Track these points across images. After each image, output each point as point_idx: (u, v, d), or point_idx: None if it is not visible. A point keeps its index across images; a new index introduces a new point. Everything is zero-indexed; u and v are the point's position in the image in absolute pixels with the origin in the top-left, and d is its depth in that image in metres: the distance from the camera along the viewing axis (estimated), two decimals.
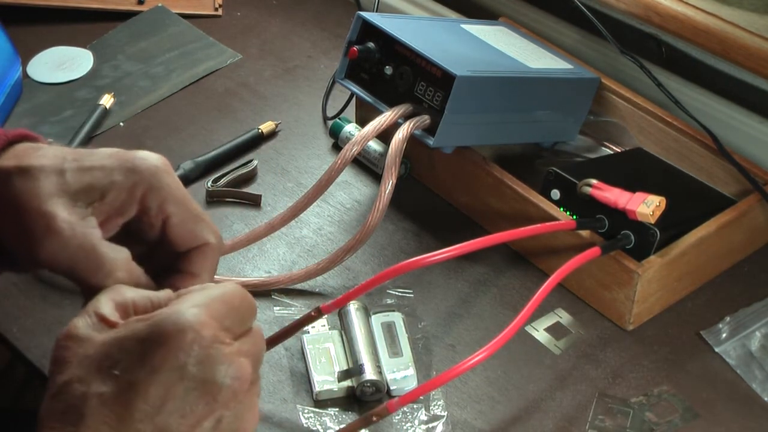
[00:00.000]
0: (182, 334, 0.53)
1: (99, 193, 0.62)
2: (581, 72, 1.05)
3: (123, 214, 0.63)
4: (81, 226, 0.61)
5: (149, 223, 0.64)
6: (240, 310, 0.57)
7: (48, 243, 0.60)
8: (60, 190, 0.61)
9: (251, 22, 1.24)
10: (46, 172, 0.62)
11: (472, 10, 1.20)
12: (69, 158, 0.63)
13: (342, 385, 0.82)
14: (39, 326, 0.87)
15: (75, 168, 0.63)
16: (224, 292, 0.57)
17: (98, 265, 0.61)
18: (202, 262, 0.65)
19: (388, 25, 0.94)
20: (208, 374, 0.54)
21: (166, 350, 0.53)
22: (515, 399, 0.84)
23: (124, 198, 0.63)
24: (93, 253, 0.61)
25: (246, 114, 1.11)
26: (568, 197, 0.91)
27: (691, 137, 1.00)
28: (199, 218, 0.65)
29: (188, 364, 0.53)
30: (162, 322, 0.54)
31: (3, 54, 1.08)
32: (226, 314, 0.56)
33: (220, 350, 0.54)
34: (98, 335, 0.54)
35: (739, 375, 0.86)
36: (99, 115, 1.08)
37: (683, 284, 0.92)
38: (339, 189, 1.01)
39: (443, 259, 0.80)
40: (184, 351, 0.53)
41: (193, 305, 0.55)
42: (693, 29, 1.01)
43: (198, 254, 0.65)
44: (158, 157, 0.65)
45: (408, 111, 0.92)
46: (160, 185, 0.63)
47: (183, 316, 0.54)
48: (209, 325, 0.54)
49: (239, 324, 0.57)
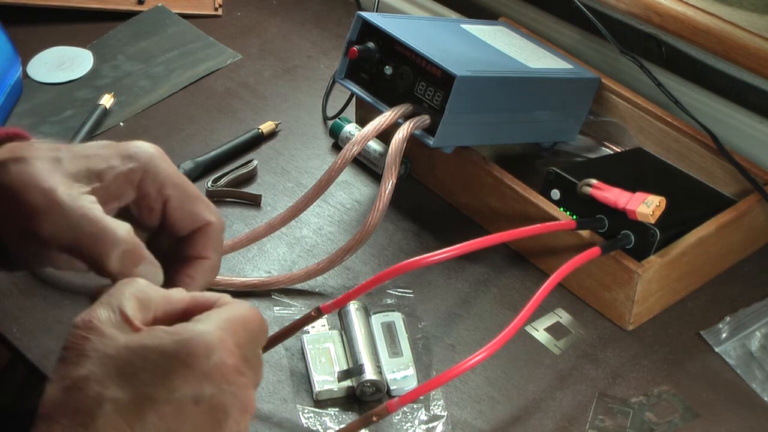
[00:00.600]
0: (207, 360, 0.53)
1: (96, 177, 0.62)
2: (581, 72, 1.05)
3: (120, 198, 0.63)
4: (82, 199, 0.61)
5: (148, 207, 0.64)
6: (258, 337, 0.57)
7: (50, 216, 0.60)
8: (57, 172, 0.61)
9: (251, 22, 1.24)
10: (41, 159, 0.62)
11: (472, 10, 1.20)
12: (63, 149, 0.63)
13: (342, 385, 0.82)
14: (39, 326, 0.87)
15: (70, 156, 0.63)
16: (246, 316, 0.57)
17: (103, 234, 0.60)
18: (206, 242, 0.65)
19: (388, 25, 0.94)
20: (222, 401, 0.53)
21: (190, 372, 0.53)
22: (515, 399, 0.84)
23: (121, 182, 0.63)
24: (96, 223, 0.60)
25: (246, 114, 1.11)
26: (568, 197, 0.91)
27: (691, 137, 1.00)
28: (197, 199, 0.65)
29: (206, 389, 0.53)
30: (190, 341, 0.53)
31: (3, 54, 1.08)
32: (246, 342, 0.56)
33: (237, 378, 0.54)
34: (121, 336, 0.54)
35: (739, 375, 0.86)
36: (99, 115, 1.08)
37: (683, 284, 0.92)
38: (339, 189, 1.01)
39: (443, 259, 0.80)
40: (206, 375, 0.53)
41: (218, 327, 0.55)
42: (693, 29, 1.01)
43: (201, 235, 0.65)
44: (153, 145, 0.65)
45: (408, 111, 0.92)
46: (157, 170, 0.64)
47: (210, 340, 0.54)
48: (233, 354, 0.54)
49: (254, 350, 0.57)
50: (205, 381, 0.53)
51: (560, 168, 0.92)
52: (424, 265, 0.79)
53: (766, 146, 1.01)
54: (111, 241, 0.60)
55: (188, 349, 0.53)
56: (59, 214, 0.60)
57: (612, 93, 1.05)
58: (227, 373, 0.54)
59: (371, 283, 0.80)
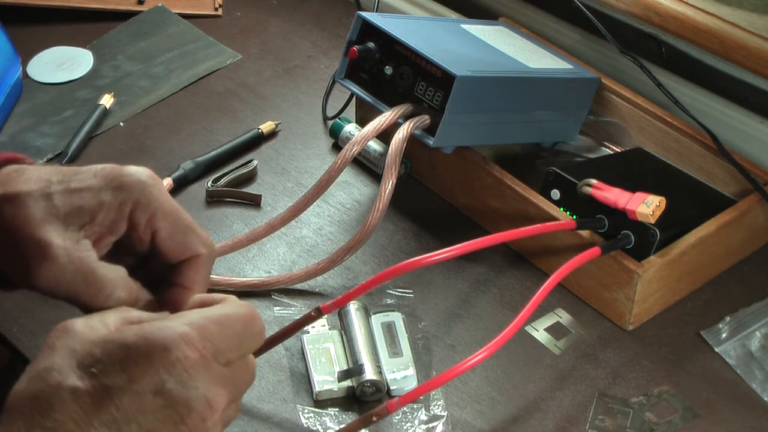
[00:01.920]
0: (167, 351, 0.53)
1: (89, 215, 0.62)
2: (581, 72, 1.05)
3: (114, 232, 0.63)
4: (76, 250, 0.61)
5: (138, 238, 0.64)
6: (241, 335, 0.57)
7: (45, 271, 0.60)
8: (50, 215, 0.61)
9: (251, 22, 1.24)
10: (33, 197, 0.61)
11: (472, 10, 1.20)
12: (54, 180, 0.63)
13: (342, 385, 0.82)
14: (39, 326, 0.87)
15: (62, 191, 0.62)
16: (226, 314, 0.57)
17: (98, 288, 0.61)
18: (193, 275, 0.65)
19: (388, 25, 0.94)
20: (183, 395, 0.53)
21: (149, 363, 0.53)
22: (515, 399, 0.84)
23: (113, 217, 0.63)
24: (91, 277, 0.61)
25: (246, 114, 1.11)
26: (568, 197, 0.91)
27: (691, 137, 1.00)
28: (188, 229, 0.65)
29: (166, 382, 0.53)
30: (150, 334, 0.54)
31: (3, 54, 1.08)
32: (222, 337, 0.55)
33: (201, 373, 0.54)
34: (91, 334, 0.54)
35: (739, 375, 0.86)
36: (99, 115, 1.08)
37: (683, 284, 0.92)
38: (339, 189, 1.01)
39: (443, 259, 0.80)
40: (165, 368, 0.53)
41: (187, 322, 0.55)
42: (693, 29, 1.01)
43: (188, 266, 0.65)
44: (145, 171, 0.64)
45: (408, 111, 0.92)
46: (148, 200, 0.63)
47: (173, 332, 0.54)
48: (196, 346, 0.54)
49: (236, 349, 0.56)
50: (164, 373, 0.53)
51: (560, 168, 0.92)
52: (424, 265, 0.79)
53: (766, 146, 1.01)
54: (107, 295, 0.61)
55: (149, 342, 0.53)
56: (54, 270, 0.60)
57: (612, 93, 1.05)
58: (189, 367, 0.53)
59: (371, 283, 0.80)
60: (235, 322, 0.57)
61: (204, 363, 0.54)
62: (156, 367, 0.53)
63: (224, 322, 0.56)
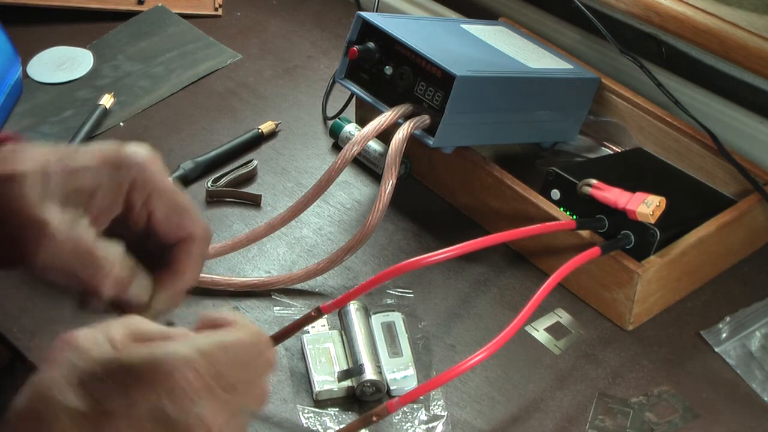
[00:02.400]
0: (171, 376, 0.52)
1: (87, 195, 0.62)
2: (581, 72, 1.05)
3: (111, 210, 0.63)
4: (74, 229, 0.61)
5: (135, 217, 0.64)
6: (248, 364, 0.55)
7: (43, 249, 0.60)
8: (48, 194, 0.61)
9: (251, 22, 1.24)
10: (32, 176, 0.61)
11: (472, 10, 1.20)
12: (53, 160, 0.63)
13: (342, 385, 0.82)
14: (39, 326, 0.87)
15: (60, 171, 0.62)
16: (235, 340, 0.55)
17: (96, 267, 0.61)
18: (185, 258, 0.65)
19: (388, 25, 0.94)
20: (183, 422, 0.52)
21: (151, 389, 0.51)
22: (515, 399, 0.84)
23: (111, 197, 0.63)
24: (89, 255, 0.61)
25: (246, 114, 1.11)
26: (568, 197, 0.91)
27: (691, 137, 1.00)
28: (184, 210, 0.65)
29: (167, 407, 0.51)
30: (155, 358, 0.52)
31: (3, 54, 1.08)
32: (229, 365, 0.54)
33: (203, 400, 0.52)
34: (96, 351, 0.53)
35: (739, 375, 0.86)
36: (99, 115, 1.08)
37: (683, 284, 0.92)
38: (339, 189, 1.01)
39: (443, 259, 0.80)
40: (167, 393, 0.51)
41: (194, 347, 0.53)
42: (693, 29, 1.01)
43: (181, 248, 0.65)
44: (143, 151, 0.64)
45: (408, 111, 0.92)
46: (145, 180, 0.64)
47: (179, 357, 0.52)
48: (200, 372, 0.52)
49: (243, 378, 0.55)
50: (166, 399, 0.51)
51: (560, 168, 0.92)
52: (424, 265, 0.79)
53: (766, 146, 1.01)
54: (104, 272, 0.61)
55: (153, 366, 0.52)
56: (52, 249, 0.60)
57: (612, 93, 1.05)
58: (191, 393, 0.52)
59: (371, 283, 0.80)
60: (244, 350, 0.55)
61: (207, 390, 0.53)
62: (158, 393, 0.51)
63: (232, 350, 0.55)
